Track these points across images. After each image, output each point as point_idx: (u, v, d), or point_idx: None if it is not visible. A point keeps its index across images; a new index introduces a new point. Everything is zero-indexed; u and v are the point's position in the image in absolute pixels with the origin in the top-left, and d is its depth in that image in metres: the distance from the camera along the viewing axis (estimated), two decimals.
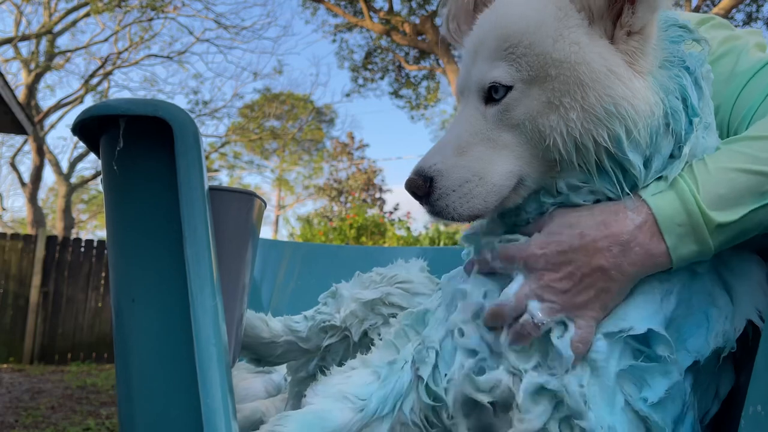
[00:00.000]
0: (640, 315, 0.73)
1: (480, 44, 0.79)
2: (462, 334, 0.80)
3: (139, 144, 0.84)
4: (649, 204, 0.73)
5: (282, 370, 1.43)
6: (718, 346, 0.74)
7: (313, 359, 1.26)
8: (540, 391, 0.73)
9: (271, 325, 1.26)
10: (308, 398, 0.84)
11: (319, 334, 1.23)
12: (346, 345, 1.21)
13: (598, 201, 0.76)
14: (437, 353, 0.83)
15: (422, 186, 0.76)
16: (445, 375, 0.81)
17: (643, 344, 0.73)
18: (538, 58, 0.73)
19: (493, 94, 0.76)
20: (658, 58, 0.76)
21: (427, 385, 0.82)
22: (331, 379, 0.87)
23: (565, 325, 0.73)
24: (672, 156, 0.75)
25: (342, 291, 1.25)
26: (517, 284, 0.76)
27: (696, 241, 0.71)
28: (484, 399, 0.76)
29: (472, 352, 0.79)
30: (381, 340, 0.94)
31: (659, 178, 0.74)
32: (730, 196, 0.71)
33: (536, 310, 0.73)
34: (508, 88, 0.75)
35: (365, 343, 1.17)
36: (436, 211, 0.77)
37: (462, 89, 0.83)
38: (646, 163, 0.74)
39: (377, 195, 24.52)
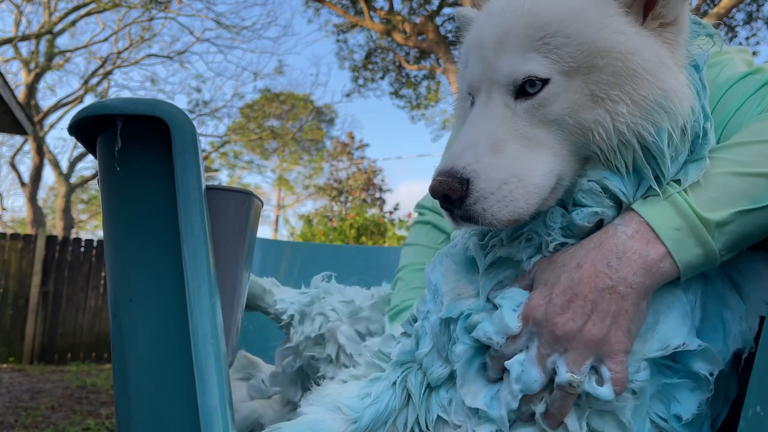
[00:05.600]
0: (682, 331, 0.71)
1: (505, 35, 0.72)
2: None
3: (136, 143, 0.84)
4: (640, 213, 0.71)
5: (262, 373, 1.44)
6: (737, 348, 0.73)
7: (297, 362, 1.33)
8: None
9: (266, 298, 1.39)
10: (302, 407, 0.83)
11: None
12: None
13: (600, 221, 0.74)
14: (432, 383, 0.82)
15: (458, 189, 0.68)
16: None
17: (670, 359, 0.72)
18: (581, 47, 0.68)
19: (527, 88, 0.70)
20: (685, 54, 0.73)
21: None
22: (325, 389, 0.86)
23: (596, 370, 0.69)
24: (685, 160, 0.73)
25: (305, 311, 1.32)
26: (533, 350, 0.71)
27: (699, 244, 0.69)
28: None
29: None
30: (361, 356, 0.94)
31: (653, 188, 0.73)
32: (721, 198, 0.70)
33: (565, 372, 0.68)
34: (545, 82, 0.69)
35: (311, 370, 1.26)
36: (470, 217, 0.69)
37: (479, 84, 0.76)
38: (671, 164, 0.71)
39: (377, 195, 24.52)
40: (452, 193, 0.69)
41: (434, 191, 0.71)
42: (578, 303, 0.69)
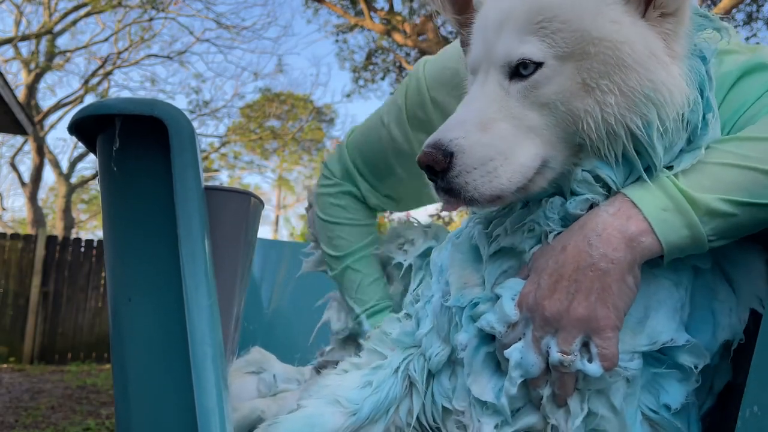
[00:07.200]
0: (671, 326, 0.72)
1: (506, 17, 0.73)
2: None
3: (135, 143, 0.84)
4: (626, 194, 0.72)
5: (273, 369, 1.44)
6: (726, 339, 0.74)
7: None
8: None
9: None
10: (301, 400, 0.84)
11: None
12: None
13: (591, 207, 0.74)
14: (432, 368, 0.83)
15: (441, 161, 0.70)
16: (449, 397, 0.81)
17: (657, 351, 0.73)
18: (575, 34, 0.69)
19: (521, 70, 0.72)
20: (687, 45, 0.73)
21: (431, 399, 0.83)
22: (324, 380, 0.87)
23: (587, 348, 0.70)
24: (681, 149, 0.73)
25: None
26: (529, 335, 0.72)
27: (686, 226, 0.69)
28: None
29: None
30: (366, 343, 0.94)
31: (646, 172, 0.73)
32: (714, 186, 0.70)
33: (556, 352, 0.69)
34: (538, 65, 0.71)
35: None
36: (452, 189, 0.71)
37: (478, 64, 0.77)
38: (663, 154, 0.72)
39: None
40: (436, 165, 0.71)
41: (420, 162, 0.73)
42: (563, 284, 0.70)
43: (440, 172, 0.71)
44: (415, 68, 1.29)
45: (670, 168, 0.73)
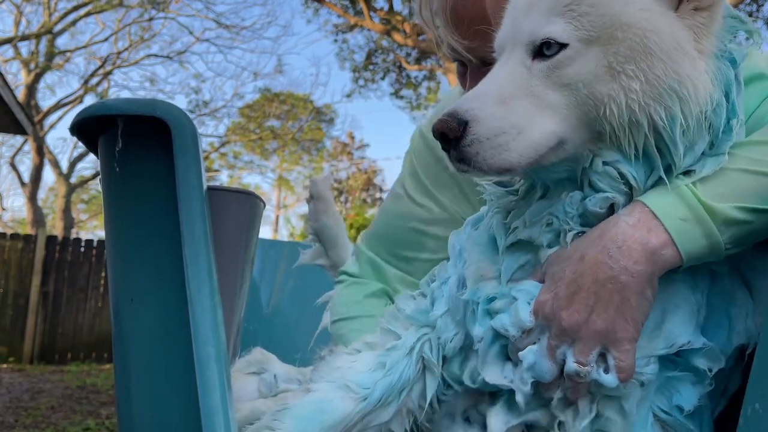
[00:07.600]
0: (688, 330, 0.72)
1: None
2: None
3: (137, 144, 0.84)
4: (645, 203, 0.71)
5: (274, 369, 1.43)
6: (741, 343, 0.73)
7: None
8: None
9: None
10: (311, 383, 0.83)
11: None
12: None
13: (612, 207, 0.73)
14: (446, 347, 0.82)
15: (455, 129, 0.70)
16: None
17: (672, 354, 0.72)
18: (603, 18, 0.69)
19: (544, 50, 0.72)
20: (717, 43, 0.73)
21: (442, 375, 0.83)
22: (336, 361, 0.86)
23: (604, 357, 0.70)
24: (702, 153, 0.73)
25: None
26: (544, 342, 0.72)
27: (704, 235, 0.69)
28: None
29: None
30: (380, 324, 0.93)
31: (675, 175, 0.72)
32: (731, 194, 0.69)
33: (572, 363, 0.69)
34: (562, 46, 0.70)
35: None
36: (464, 158, 0.71)
37: (504, 43, 0.78)
38: (684, 154, 0.71)
39: (377, 195, 24.57)
40: (449, 132, 0.71)
41: (434, 130, 0.73)
42: (582, 295, 0.70)
43: (453, 140, 0.71)
44: (411, 136, 1.27)
45: (690, 172, 0.72)
